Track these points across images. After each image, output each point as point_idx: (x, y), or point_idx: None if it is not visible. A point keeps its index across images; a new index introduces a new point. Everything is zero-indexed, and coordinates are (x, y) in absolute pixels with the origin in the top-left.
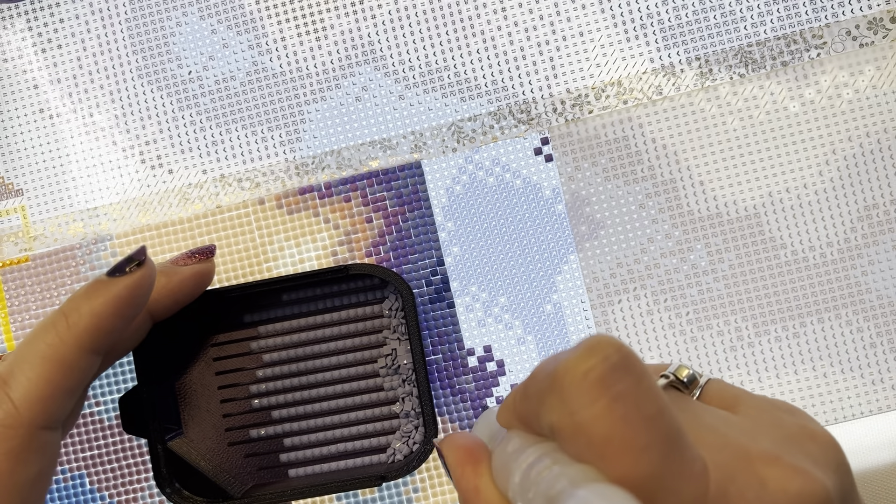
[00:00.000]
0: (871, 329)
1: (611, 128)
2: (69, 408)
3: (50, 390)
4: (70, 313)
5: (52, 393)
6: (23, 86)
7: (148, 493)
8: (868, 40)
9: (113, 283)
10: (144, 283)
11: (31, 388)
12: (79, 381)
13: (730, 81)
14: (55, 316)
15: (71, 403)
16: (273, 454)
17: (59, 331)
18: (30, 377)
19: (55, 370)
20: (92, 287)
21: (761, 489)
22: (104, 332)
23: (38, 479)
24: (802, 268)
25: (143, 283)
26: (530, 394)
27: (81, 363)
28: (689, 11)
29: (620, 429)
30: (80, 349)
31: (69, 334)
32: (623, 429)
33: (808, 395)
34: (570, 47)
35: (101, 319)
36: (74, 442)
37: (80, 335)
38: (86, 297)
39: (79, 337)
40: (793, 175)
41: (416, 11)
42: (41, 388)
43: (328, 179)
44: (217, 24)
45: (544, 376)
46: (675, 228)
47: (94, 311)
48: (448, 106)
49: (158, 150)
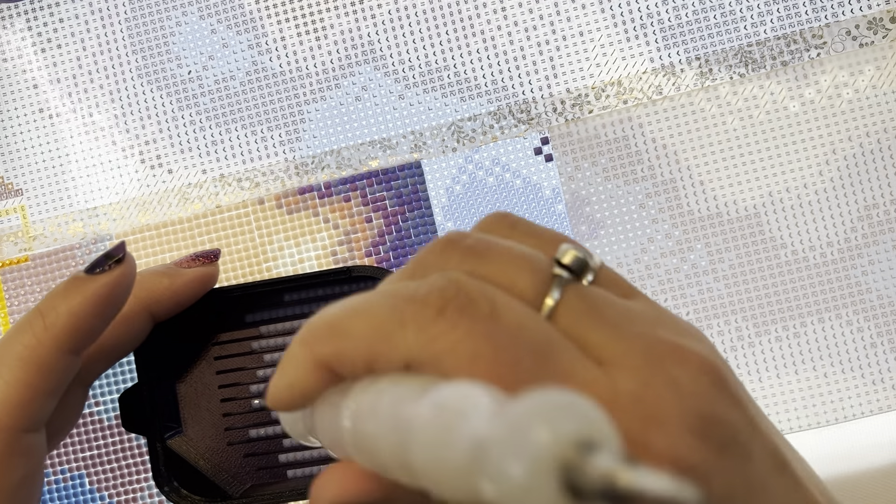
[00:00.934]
0: (871, 329)
1: (611, 127)
2: (50, 409)
3: (29, 394)
4: (47, 313)
5: (31, 396)
6: (22, 85)
7: (147, 493)
8: (868, 40)
9: (91, 281)
10: (124, 281)
11: (9, 391)
12: (59, 383)
13: (730, 81)
14: (32, 316)
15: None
16: (272, 454)
17: (36, 332)
18: (7, 381)
19: (33, 373)
20: (70, 285)
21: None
22: (83, 331)
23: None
24: (803, 267)
25: (122, 280)
26: (357, 335)
27: (60, 364)
28: (689, 11)
29: (485, 345)
30: (58, 350)
31: (46, 335)
32: (486, 345)
33: (808, 396)
34: (570, 47)
35: (80, 319)
36: (74, 442)
37: (58, 336)
38: (63, 295)
39: (57, 338)
40: (793, 175)
41: (416, 11)
42: (20, 391)
43: (328, 179)
44: (217, 24)
45: (382, 312)
46: (675, 228)
47: (72, 310)
48: (448, 106)
49: (158, 149)
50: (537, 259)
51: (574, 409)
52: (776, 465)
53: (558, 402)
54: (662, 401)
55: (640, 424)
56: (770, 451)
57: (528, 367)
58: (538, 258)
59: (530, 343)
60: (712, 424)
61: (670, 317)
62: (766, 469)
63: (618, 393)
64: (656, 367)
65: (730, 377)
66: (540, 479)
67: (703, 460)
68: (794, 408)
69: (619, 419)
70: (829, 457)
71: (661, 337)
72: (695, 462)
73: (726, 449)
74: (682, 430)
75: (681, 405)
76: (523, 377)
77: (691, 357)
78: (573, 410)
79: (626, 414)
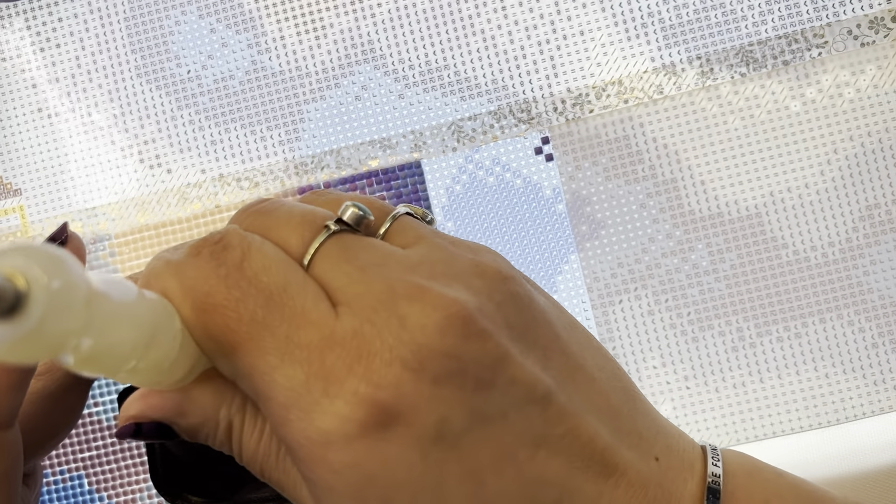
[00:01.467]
0: (872, 329)
1: (611, 127)
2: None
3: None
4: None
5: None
6: (21, 85)
7: (147, 493)
8: (869, 39)
9: None
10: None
11: None
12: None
13: (731, 81)
14: None
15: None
16: None
17: None
18: None
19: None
20: None
21: (400, 328)
22: None
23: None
24: (804, 268)
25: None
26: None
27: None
28: (689, 10)
29: (217, 285)
30: None
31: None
32: (218, 284)
33: (809, 396)
34: (570, 46)
35: None
36: (74, 442)
37: None
38: None
39: None
40: (794, 175)
41: (416, 10)
42: None
43: (327, 179)
44: (216, 23)
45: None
46: (676, 228)
47: None
48: (448, 105)
49: (157, 149)
50: (317, 215)
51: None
52: (531, 397)
53: (28, 248)
54: (377, 337)
55: (350, 360)
56: (527, 384)
57: (252, 309)
58: (318, 214)
59: (265, 287)
60: (430, 358)
61: (450, 257)
62: (512, 399)
63: (337, 331)
64: (386, 306)
65: (486, 311)
66: None
67: (413, 391)
68: (795, 409)
69: (334, 357)
70: (830, 457)
71: (407, 279)
72: (400, 392)
73: (444, 380)
74: (389, 364)
75: (397, 340)
76: (246, 317)
77: (429, 296)
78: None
79: (342, 350)
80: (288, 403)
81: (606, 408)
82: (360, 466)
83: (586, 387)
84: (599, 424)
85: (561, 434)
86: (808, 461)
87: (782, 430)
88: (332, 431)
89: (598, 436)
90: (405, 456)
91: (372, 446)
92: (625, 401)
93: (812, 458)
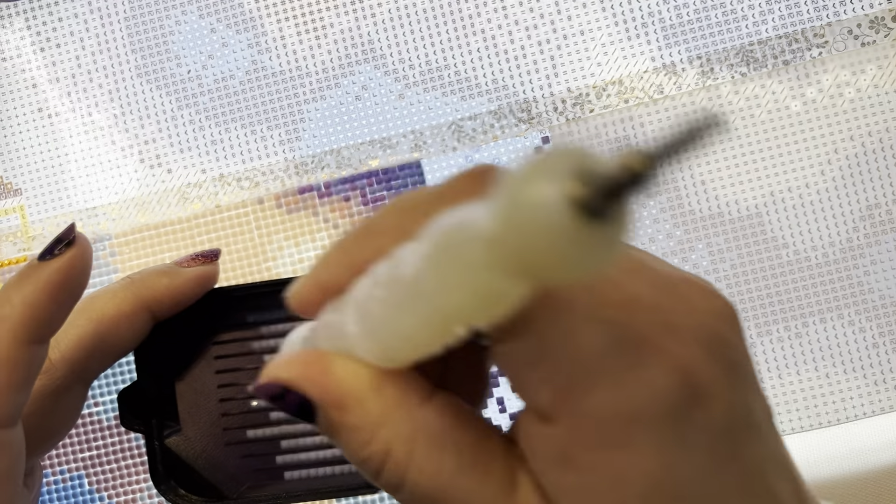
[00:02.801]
0: (873, 329)
1: (612, 127)
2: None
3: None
4: (1, 305)
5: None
6: (21, 85)
7: (147, 493)
8: (870, 39)
9: (43, 268)
10: (77, 264)
11: None
12: (24, 375)
13: (731, 80)
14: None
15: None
16: (270, 456)
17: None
18: None
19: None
20: (23, 273)
21: (690, 306)
22: (40, 320)
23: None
24: (804, 267)
25: (75, 263)
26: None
27: (23, 356)
28: (690, 10)
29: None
30: (16, 342)
31: (2, 328)
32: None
33: (810, 396)
34: (570, 46)
35: (35, 308)
36: (74, 442)
37: (15, 328)
38: (17, 285)
39: (13, 330)
40: (794, 174)
41: (416, 10)
42: None
43: (328, 179)
44: (216, 23)
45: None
46: (676, 228)
47: (25, 299)
48: (448, 105)
49: (157, 149)
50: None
51: (559, 154)
52: (767, 410)
53: (541, 157)
54: (677, 312)
55: (659, 328)
56: (763, 397)
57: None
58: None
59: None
60: (722, 344)
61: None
62: (760, 408)
63: (639, 295)
64: (671, 285)
65: (738, 316)
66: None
67: (713, 376)
68: (795, 408)
69: (639, 320)
70: (830, 457)
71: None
72: (705, 376)
73: (734, 370)
74: (694, 341)
75: (693, 319)
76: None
77: (702, 284)
78: (560, 155)
79: (646, 316)
80: (592, 369)
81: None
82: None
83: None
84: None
85: (783, 464)
86: (809, 461)
87: (783, 430)
88: (643, 405)
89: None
90: (704, 445)
91: (677, 429)
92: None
93: (812, 458)
